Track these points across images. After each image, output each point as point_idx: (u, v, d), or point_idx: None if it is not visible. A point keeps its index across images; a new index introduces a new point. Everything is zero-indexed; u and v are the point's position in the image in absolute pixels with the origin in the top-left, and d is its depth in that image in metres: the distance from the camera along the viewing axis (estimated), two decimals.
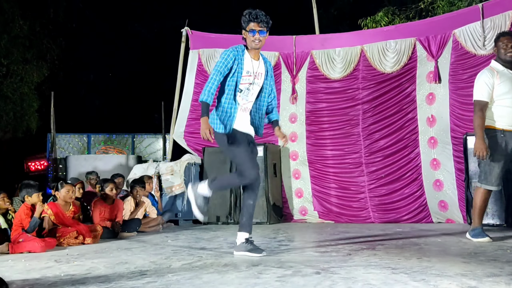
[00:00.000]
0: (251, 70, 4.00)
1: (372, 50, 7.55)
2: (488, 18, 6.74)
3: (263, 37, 3.97)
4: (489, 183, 4.55)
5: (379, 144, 7.42)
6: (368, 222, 7.22)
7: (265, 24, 3.93)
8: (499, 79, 4.56)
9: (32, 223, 4.89)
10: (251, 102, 4.06)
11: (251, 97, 4.04)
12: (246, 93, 4.00)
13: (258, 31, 3.92)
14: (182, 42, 8.51)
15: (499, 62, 4.67)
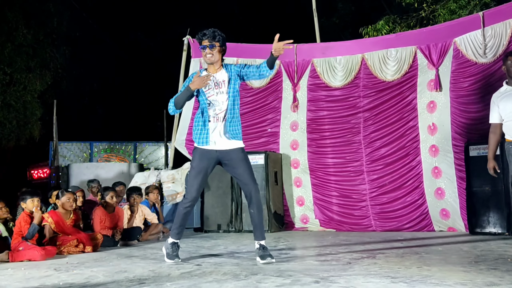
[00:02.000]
0: (211, 83, 4.21)
1: (373, 58, 7.57)
2: (488, 26, 6.75)
3: (213, 49, 4.19)
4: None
5: (380, 152, 7.41)
6: (369, 230, 7.19)
7: (211, 39, 4.17)
8: (501, 98, 4.80)
9: (31, 230, 4.88)
10: (224, 111, 4.20)
11: (222, 105, 4.20)
12: (214, 103, 4.19)
13: (207, 46, 4.17)
14: (184, 51, 8.55)
15: (508, 84, 4.84)
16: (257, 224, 4.18)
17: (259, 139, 8.07)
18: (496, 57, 6.65)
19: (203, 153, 4.22)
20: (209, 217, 7.54)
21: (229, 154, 4.20)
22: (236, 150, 4.22)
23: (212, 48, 4.18)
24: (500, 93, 4.89)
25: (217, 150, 4.21)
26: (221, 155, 4.21)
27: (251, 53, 8.28)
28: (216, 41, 4.19)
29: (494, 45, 6.71)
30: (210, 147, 4.21)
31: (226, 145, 4.21)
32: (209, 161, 4.22)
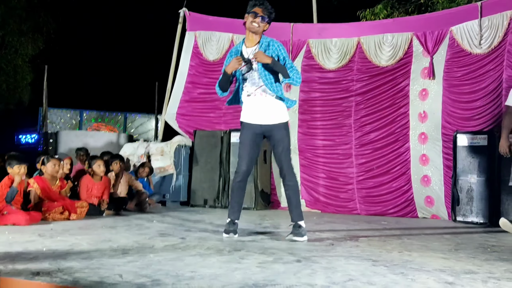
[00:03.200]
0: (244, 57, 4.13)
1: (369, 42, 7.54)
2: (486, 17, 6.75)
3: (263, 23, 4.06)
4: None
5: (370, 137, 7.45)
6: (354, 213, 7.27)
7: (267, 13, 4.05)
8: None
9: (9, 193, 4.76)
10: (262, 87, 4.10)
11: (259, 80, 4.09)
12: (250, 80, 4.12)
13: (260, 15, 4.04)
14: (179, 23, 8.46)
15: None
16: (291, 206, 4.17)
17: None
18: (491, 48, 6.66)
19: (248, 127, 4.17)
20: (196, 191, 7.56)
21: (271, 130, 4.12)
22: (277, 126, 4.11)
23: (263, 20, 4.05)
24: None
25: (261, 125, 4.13)
26: (265, 129, 4.14)
27: None
28: (270, 18, 4.08)
29: (490, 36, 6.71)
30: (253, 122, 4.15)
31: (268, 120, 4.11)
32: (254, 135, 4.16)
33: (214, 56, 8.32)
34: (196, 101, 8.34)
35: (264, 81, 4.07)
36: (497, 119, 6.45)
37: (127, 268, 2.64)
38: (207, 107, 8.27)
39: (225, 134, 7.56)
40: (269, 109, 4.11)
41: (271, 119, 4.11)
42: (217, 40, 8.33)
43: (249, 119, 4.16)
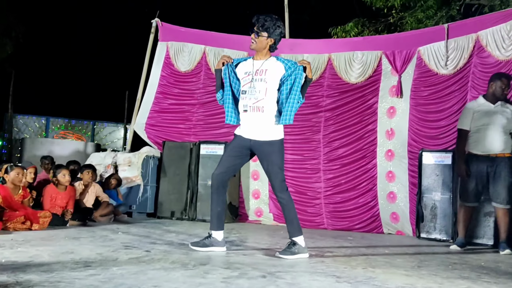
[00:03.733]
0: (250, 69, 4.10)
1: (339, 59, 7.66)
2: (452, 38, 6.94)
3: (257, 38, 4.06)
4: (464, 200, 5.34)
5: (338, 152, 7.53)
6: (321, 228, 7.32)
7: (260, 27, 4.03)
8: (478, 110, 5.26)
9: None
10: (263, 100, 4.05)
11: (259, 94, 4.04)
12: (251, 92, 4.06)
13: (254, 31, 4.06)
14: (151, 33, 8.43)
15: (485, 97, 5.35)
16: (291, 219, 4.19)
17: (220, 129, 8.04)
18: (457, 69, 6.85)
19: (237, 138, 4.17)
20: (163, 203, 7.48)
21: (260, 146, 4.09)
22: (266, 143, 4.08)
23: (256, 36, 4.04)
24: (478, 104, 5.32)
25: (250, 140, 4.10)
26: (253, 144, 4.10)
27: (218, 42, 8.24)
28: (263, 29, 4.02)
29: (455, 57, 6.90)
30: (244, 135, 4.13)
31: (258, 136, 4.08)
32: (240, 146, 4.15)
33: (186, 67, 8.31)
34: (166, 112, 8.29)
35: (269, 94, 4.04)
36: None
37: (88, 282, 2.59)
38: (177, 118, 8.23)
39: (194, 146, 7.52)
40: (263, 126, 4.08)
41: (261, 136, 4.08)
42: (189, 51, 8.32)
43: (241, 132, 4.15)
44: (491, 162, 5.15)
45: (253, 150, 4.14)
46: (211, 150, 7.41)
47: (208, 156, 7.38)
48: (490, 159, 5.16)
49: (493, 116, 5.21)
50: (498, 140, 5.17)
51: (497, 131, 5.17)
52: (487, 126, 5.19)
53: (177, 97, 8.28)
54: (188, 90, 8.28)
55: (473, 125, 5.27)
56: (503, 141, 5.17)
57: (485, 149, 5.19)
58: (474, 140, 5.26)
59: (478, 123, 5.24)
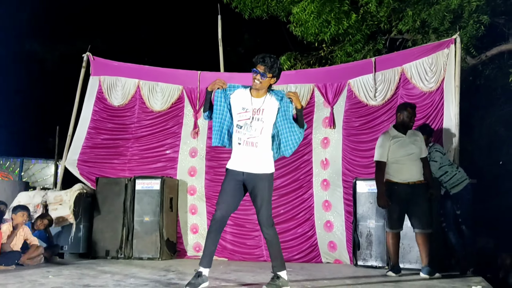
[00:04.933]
0: (248, 106, 4.18)
1: None
2: (379, 71, 7.28)
3: (263, 79, 4.13)
4: (391, 227, 5.49)
5: (276, 183, 7.46)
6: (261, 260, 7.29)
7: (267, 69, 4.11)
8: (393, 141, 5.45)
9: None
10: (257, 137, 4.13)
11: (254, 132, 4.13)
12: (246, 128, 4.14)
13: (260, 72, 4.11)
14: (83, 67, 8.25)
15: (396, 128, 5.57)
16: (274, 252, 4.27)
17: (156, 164, 7.93)
18: (385, 100, 7.16)
19: (231, 173, 4.18)
20: (97, 242, 7.20)
21: (254, 179, 4.11)
22: (260, 177, 4.13)
23: (263, 77, 4.12)
24: (391, 136, 5.51)
25: (243, 172, 4.12)
26: (246, 177, 4.13)
27: (153, 76, 8.20)
28: (271, 72, 4.13)
29: (383, 89, 7.22)
30: (237, 168, 4.14)
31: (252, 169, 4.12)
32: (236, 181, 4.15)
33: (119, 101, 8.17)
34: (99, 147, 8.07)
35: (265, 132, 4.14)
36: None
37: None
38: (111, 153, 8.03)
39: (129, 182, 7.33)
40: (256, 159, 4.13)
41: (255, 169, 4.11)
42: (122, 85, 8.21)
43: (234, 166, 4.16)
44: (410, 189, 5.39)
45: (246, 183, 4.17)
46: (147, 185, 7.25)
47: (144, 191, 7.22)
48: (409, 186, 5.40)
49: (407, 146, 5.47)
50: (415, 169, 5.44)
51: (413, 160, 5.45)
52: (404, 156, 5.43)
53: (110, 132, 8.10)
54: (122, 124, 8.12)
55: (391, 156, 5.47)
56: (418, 169, 5.46)
57: (404, 177, 5.42)
58: (394, 170, 5.46)
59: (395, 153, 5.45)
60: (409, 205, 5.40)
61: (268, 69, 4.12)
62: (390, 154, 5.47)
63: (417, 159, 5.47)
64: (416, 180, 5.42)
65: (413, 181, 5.40)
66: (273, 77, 4.18)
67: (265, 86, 4.19)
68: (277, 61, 4.18)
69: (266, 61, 4.12)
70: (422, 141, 5.61)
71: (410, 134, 5.55)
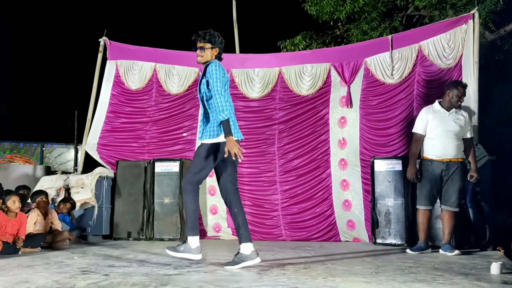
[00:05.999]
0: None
1: (290, 72, 7.79)
2: (396, 49, 7.21)
3: (202, 52, 4.39)
4: (420, 203, 5.54)
5: (293, 164, 7.62)
6: (280, 239, 7.36)
7: (201, 40, 4.35)
8: (434, 116, 5.47)
9: None
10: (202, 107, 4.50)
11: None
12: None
13: (198, 47, 4.38)
14: (100, 52, 8.31)
15: (440, 103, 5.56)
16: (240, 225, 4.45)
17: (174, 146, 8.00)
18: (402, 78, 7.11)
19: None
20: (119, 224, 7.34)
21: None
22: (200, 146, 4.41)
23: (201, 50, 4.37)
24: (433, 110, 5.52)
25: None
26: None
27: (169, 59, 8.23)
28: (206, 41, 4.35)
29: (400, 67, 7.16)
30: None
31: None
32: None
33: (137, 85, 8.23)
34: (118, 131, 8.16)
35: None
36: (409, 145, 6.85)
37: None
38: (130, 137, 8.12)
39: (148, 164, 7.43)
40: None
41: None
42: (139, 69, 8.26)
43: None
44: (445, 166, 5.38)
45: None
46: (166, 167, 7.34)
47: (163, 173, 7.32)
48: (444, 163, 5.39)
49: (447, 123, 5.46)
50: (451, 146, 5.42)
51: (451, 138, 5.42)
52: (442, 133, 5.42)
53: (129, 116, 8.18)
54: (140, 108, 8.20)
55: (429, 131, 5.49)
56: (456, 147, 5.43)
57: (439, 154, 5.42)
58: (429, 146, 5.49)
59: (433, 129, 5.46)
60: (442, 182, 5.42)
61: (202, 40, 4.35)
62: (428, 129, 5.48)
63: (456, 138, 5.43)
64: (452, 157, 5.40)
65: (448, 158, 5.40)
66: (212, 46, 4.37)
67: (209, 59, 4.39)
68: (209, 31, 4.38)
69: (200, 35, 4.36)
70: (467, 122, 5.58)
71: (453, 112, 5.52)
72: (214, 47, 4.38)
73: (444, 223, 5.42)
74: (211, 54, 4.39)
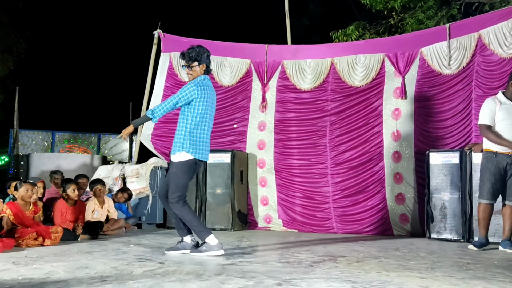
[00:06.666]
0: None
1: (342, 63, 7.68)
2: (454, 38, 6.96)
3: (190, 70, 4.68)
4: (482, 197, 5.28)
5: (345, 156, 7.53)
6: (331, 232, 7.31)
7: (187, 60, 4.65)
8: (500, 108, 5.23)
9: None
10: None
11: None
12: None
13: (186, 66, 4.69)
14: (154, 44, 8.48)
15: (505, 94, 5.32)
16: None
17: (226, 137, 8.08)
18: (460, 68, 6.86)
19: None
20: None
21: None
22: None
23: (188, 69, 4.67)
24: (500, 102, 5.28)
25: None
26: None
27: (221, 51, 8.27)
28: (190, 60, 4.63)
29: (458, 57, 6.91)
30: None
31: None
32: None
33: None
34: (171, 122, 8.28)
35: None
36: (468, 138, 6.63)
37: None
38: None
39: None
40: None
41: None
42: None
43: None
44: (510, 160, 5.17)
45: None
46: (218, 158, 7.43)
47: (215, 164, 7.40)
48: (510, 157, 5.17)
49: None
50: None
51: None
52: (509, 125, 5.18)
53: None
54: None
55: (494, 122, 5.25)
56: None
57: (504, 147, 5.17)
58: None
59: (500, 121, 5.22)
60: (507, 176, 5.19)
61: (188, 60, 4.63)
62: (494, 120, 5.25)
63: None
64: None
65: None
66: (197, 63, 4.62)
67: (197, 75, 4.65)
68: (194, 49, 4.64)
69: (186, 55, 4.65)
70: None
71: None
72: (201, 64, 4.63)
73: (505, 218, 5.21)
74: (200, 70, 4.65)
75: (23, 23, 15.39)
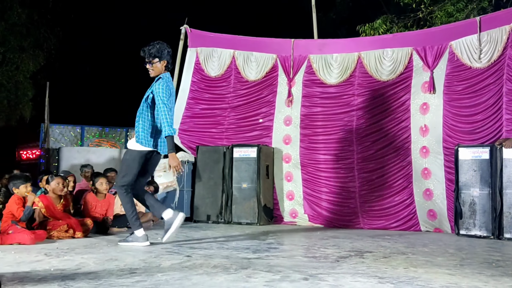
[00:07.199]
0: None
1: (369, 57, 7.61)
2: (485, 31, 6.82)
3: (151, 66, 4.75)
4: None
5: (372, 151, 7.47)
6: (357, 227, 7.28)
7: (148, 56, 4.71)
8: None
9: (26, 212, 4.96)
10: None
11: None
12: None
13: (147, 62, 4.74)
14: (181, 40, 8.54)
15: None
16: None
17: (252, 132, 8.10)
18: (491, 62, 6.73)
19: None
20: (199, 207, 7.57)
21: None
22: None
23: (149, 65, 4.74)
24: None
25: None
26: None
27: (247, 46, 8.30)
28: (153, 57, 4.68)
29: (489, 50, 6.78)
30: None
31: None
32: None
33: (216, 72, 8.39)
34: (198, 117, 8.38)
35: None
36: (498, 133, 6.50)
37: None
38: (209, 122, 8.31)
39: (227, 150, 7.59)
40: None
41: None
42: (218, 56, 8.40)
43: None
44: None
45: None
46: (244, 153, 7.46)
47: (241, 159, 7.44)
48: None
49: None
50: None
51: None
52: None
53: (208, 102, 8.37)
54: (219, 94, 8.36)
55: None
56: None
57: None
58: None
59: None
60: None
61: (148, 56, 4.67)
62: None
63: None
64: None
65: None
66: (158, 59, 4.67)
67: (160, 71, 4.71)
68: (154, 46, 4.66)
69: (146, 52, 4.68)
70: None
71: None
72: (161, 60, 4.70)
73: None
74: (161, 66, 4.72)
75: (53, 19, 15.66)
